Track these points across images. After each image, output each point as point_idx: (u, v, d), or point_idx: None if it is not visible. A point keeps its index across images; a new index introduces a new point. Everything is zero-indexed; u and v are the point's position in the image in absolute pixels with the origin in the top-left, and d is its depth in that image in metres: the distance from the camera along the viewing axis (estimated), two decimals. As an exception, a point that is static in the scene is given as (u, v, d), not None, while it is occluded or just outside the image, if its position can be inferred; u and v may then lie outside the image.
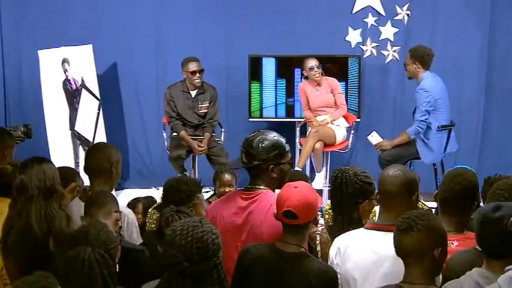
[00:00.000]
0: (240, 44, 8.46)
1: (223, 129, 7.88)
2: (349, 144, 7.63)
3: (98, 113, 7.92)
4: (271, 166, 3.71)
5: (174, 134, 7.59)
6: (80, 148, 7.58)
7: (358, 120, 8.05)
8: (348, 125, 7.69)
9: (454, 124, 7.20)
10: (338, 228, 3.80)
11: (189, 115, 7.57)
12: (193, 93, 7.58)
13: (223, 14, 8.52)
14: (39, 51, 7.18)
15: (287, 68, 8.19)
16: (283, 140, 3.83)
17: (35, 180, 3.74)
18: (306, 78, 7.71)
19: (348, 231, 3.63)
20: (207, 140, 7.47)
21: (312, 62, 7.56)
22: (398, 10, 8.32)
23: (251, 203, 3.75)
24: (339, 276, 3.44)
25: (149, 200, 5.83)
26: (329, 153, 7.63)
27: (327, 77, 7.68)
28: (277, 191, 3.62)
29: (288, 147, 3.85)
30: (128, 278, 3.32)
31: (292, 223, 3.35)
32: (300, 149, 7.81)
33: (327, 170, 7.56)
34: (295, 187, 3.40)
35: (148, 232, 4.62)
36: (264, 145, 3.70)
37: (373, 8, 8.36)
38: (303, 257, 3.36)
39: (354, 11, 8.39)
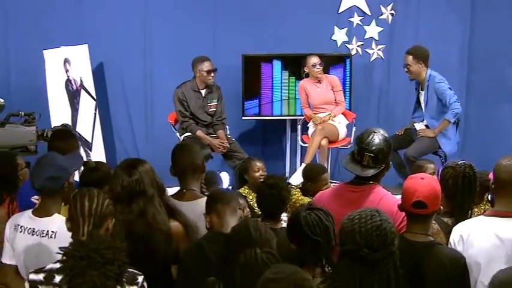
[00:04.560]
0: (228, 43, 8.49)
1: (228, 127, 7.90)
2: (351, 141, 7.81)
3: (95, 114, 7.81)
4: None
5: (188, 134, 7.55)
6: (81, 149, 7.42)
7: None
8: (347, 121, 7.88)
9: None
10: (464, 218, 3.94)
11: (201, 114, 7.58)
12: (203, 92, 7.59)
13: (211, 13, 8.55)
14: (45, 51, 7.01)
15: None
16: None
17: (148, 181, 3.75)
18: (307, 75, 7.84)
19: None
20: (224, 137, 7.49)
21: (315, 59, 7.74)
22: (383, 10, 8.58)
23: (360, 197, 3.89)
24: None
25: None
26: (330, 149, 7.79)
27: (327, 75, 7.85)
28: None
29: None
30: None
31: (422, 213, 3.49)
32: (301, 146, 8.05)
33: (328, 166, 7.71)
34: (422, 178, 3.55)
35: None
36: (387, 146, 3.86)
37: (359, 8, 8.59)
38: (434, 245, 3.52)
39: (340, 11, 8.59)
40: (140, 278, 3.01)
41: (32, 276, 3.10)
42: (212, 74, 7.50)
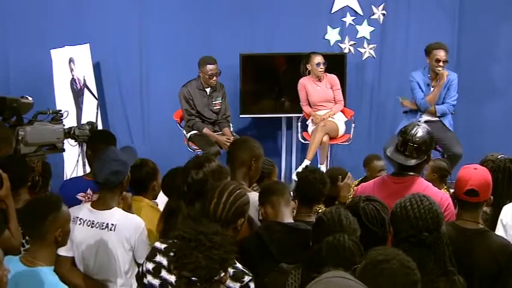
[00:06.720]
0: (225, 42, 8.61)
1: (231, 125, 8.02)
2: (351, 137, 8.00)
3: (97, 113, 7.84)
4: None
5: (194, 131, 7.66)
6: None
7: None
8: (346, 119, 8.06)
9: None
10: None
11: (206, 112, 7.70)
12: (208, 90, 7.71)
13: (208, 13, 8.64)
14: (52, 51, 7.03)
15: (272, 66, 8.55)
16: None
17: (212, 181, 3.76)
18: (309, 73, 8.00)
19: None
20: (229, 134, 7.62)
21: (319, 58, 7.90)
22: (375, 10, 8.80)
23: (404, 188, 4.04)
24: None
25: None
26: (329, 145, 7.96)
27: (327, 73, 8.01)
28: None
29: None
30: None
31: (473, 201, 3.68)
32: (297, 143, 8.24)
33: (327, 162, 7.90)
34: (475, 169, 3.77)
35: None
36: (430, 139, 4.05)
37: (351, 8, 8.79)
38: (484, 232, 3.72)
39: (332, 11, 8.78)
40: (247, 278, 3.06)
41: (157, 244, 3.23)
42: (214, 78, 7.62)
